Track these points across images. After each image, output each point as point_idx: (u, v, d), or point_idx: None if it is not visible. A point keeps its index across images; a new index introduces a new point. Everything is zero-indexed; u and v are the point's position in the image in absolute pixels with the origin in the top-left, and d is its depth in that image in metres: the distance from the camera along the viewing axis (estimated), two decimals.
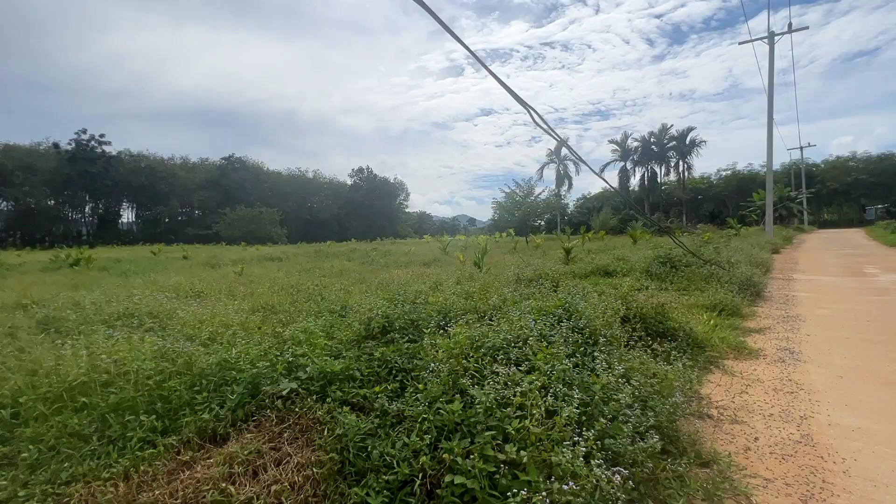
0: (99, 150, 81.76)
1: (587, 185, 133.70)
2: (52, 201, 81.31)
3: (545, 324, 3.55)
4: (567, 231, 32.56)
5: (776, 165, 63.99)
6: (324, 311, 5.00)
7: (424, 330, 3.55)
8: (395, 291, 5.47)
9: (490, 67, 3.83)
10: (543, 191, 25.24)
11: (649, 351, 3.88)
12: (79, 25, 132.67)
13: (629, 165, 54.49)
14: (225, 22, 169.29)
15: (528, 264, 11.73)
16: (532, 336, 3.16)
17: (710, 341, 5.00)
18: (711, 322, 5.77)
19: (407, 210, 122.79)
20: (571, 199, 74.32)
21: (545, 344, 3.09)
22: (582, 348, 3.37)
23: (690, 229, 32.21)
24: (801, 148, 55.74)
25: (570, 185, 53.99)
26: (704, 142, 51.81)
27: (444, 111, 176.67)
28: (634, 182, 55.74)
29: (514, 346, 3.08)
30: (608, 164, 56.92)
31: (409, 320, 3.85)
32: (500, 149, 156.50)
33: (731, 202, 59.01)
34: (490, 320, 4.00)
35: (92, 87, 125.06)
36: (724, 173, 68.17)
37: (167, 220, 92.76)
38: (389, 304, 4.30)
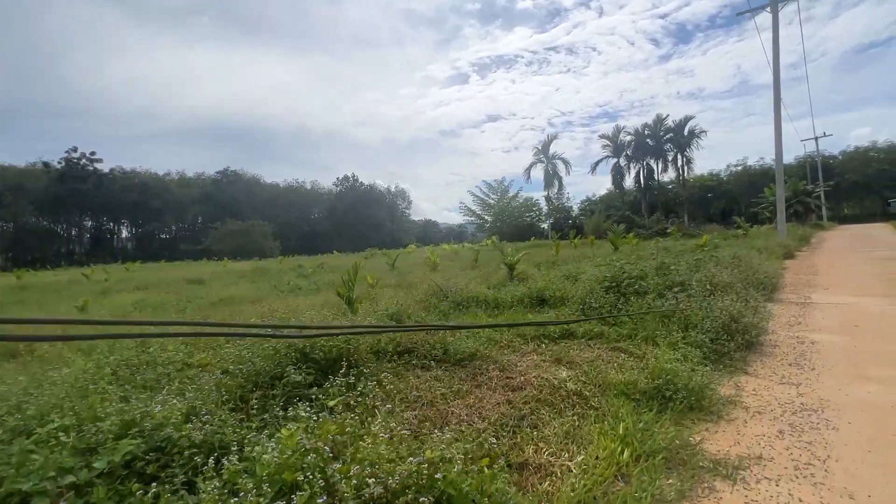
0: (90, 168, 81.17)
1: (596, 186, 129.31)
2: (47, 221, 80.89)
3: None
4: (554, 237, 29.34)
5: (789, 158, 59.80)
6: None
7: None
8: None
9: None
10: (518, 192, 22.00)
11: None
12: (97, 50, 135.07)
13: (623, 162, 49.89)
14: (236, 42, 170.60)
15: (440, 290, 8.65)
16: None
17: None
18: (625, 453, 2.58)
19: (410, 218, 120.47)
20: (575, 202, 70.57)
21: None
22: None
23: (685, 230, 28.52)
24: (816, 138, 51.70)
25: (561, 185, 49.94)
26: (705, 132, 47.03)
27: (452, 119, 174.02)
28: (630, 180, 51.06)
29: None
30: (600, 160, 52.39)
31: None
32: (508, 154, 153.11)
33: (743, 199, 54.87)
34: None
35: (110, 110, 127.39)
36: (734, 169, 64.04)
37: (162, 236, 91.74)
38: None
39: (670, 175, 52.01)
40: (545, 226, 53.76)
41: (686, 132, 46.71)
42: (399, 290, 10.38)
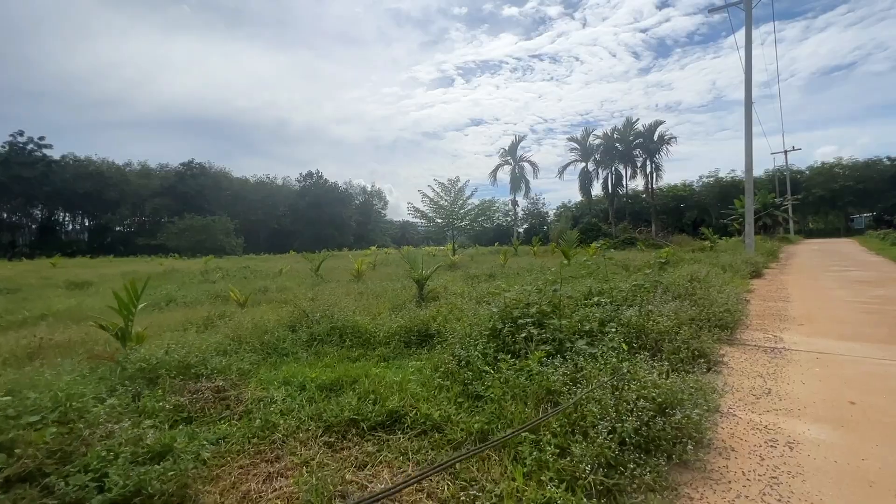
0: (38, 154, 75.81)
1: (574, 193, 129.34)
2: None
3: None
4: (516, 243, 27.57)
5: (759, 172, 60.01)
6: None
7: None
8: None
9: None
10: (472, 194, 20.05)
11: None
12: (68, 33, 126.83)
13: (591, 167, 48.25)
14: (216, 32, 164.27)
15: (305, 315, 6.53)
16: None
17: None
18: None
19: (387, 218, 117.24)
20: (550, 207, 69.37)
21: None
22: None
23: (652, 240, 27.12)
24: (786, 152, 51.71)
25: (528, 189, 48.11)
26: (674, 138, 45.67)
27: (435, 121, 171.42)
28: (598, 186, 49.18)
29: None
30: (567, 164, 50.47)
31: None
32: (490, 158, 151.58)
33: (714, 210, 54.52)
34: None
35: (81, 96, 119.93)
36: (706, 180, 63.93)
37: (117, 228, 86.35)
38: None
39: (639, 182, 50.84)
40: (521, 230, 52.29)
41: (656, 137, 45.45)
42: (278, 309, 8.18)
